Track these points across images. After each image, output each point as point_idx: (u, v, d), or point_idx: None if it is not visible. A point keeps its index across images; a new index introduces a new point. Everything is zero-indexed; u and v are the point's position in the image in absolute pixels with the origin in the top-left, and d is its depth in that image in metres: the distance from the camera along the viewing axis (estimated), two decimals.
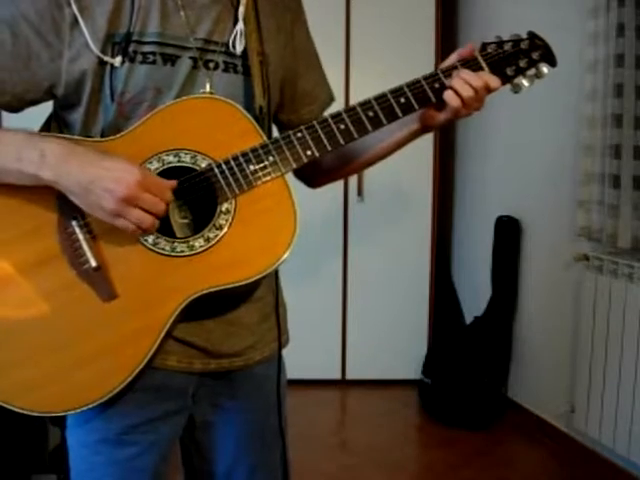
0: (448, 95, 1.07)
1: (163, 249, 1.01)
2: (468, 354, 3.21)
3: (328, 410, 3.41)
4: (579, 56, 2.65)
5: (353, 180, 3.43)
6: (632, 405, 2.46)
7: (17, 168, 0.96)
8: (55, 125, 1.11)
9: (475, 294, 3.53)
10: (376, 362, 3.60)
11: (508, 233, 3.22)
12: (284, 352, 1.25)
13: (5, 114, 1.15)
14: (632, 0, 2.41)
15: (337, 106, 1.34)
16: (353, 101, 1.10)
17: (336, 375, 3.60)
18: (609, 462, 2.65)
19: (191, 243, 1.01)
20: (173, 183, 1.00)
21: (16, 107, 1.06)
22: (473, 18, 3.61)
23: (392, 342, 3.58)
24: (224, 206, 1.02)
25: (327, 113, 1.12)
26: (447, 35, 3.53)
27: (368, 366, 3.59)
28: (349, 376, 3.60)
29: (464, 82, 1.07)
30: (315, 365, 3.49)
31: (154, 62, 1.04)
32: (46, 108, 1.12)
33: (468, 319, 3.48)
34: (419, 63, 3.34)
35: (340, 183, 3.36)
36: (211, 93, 1.06)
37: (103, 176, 0.94)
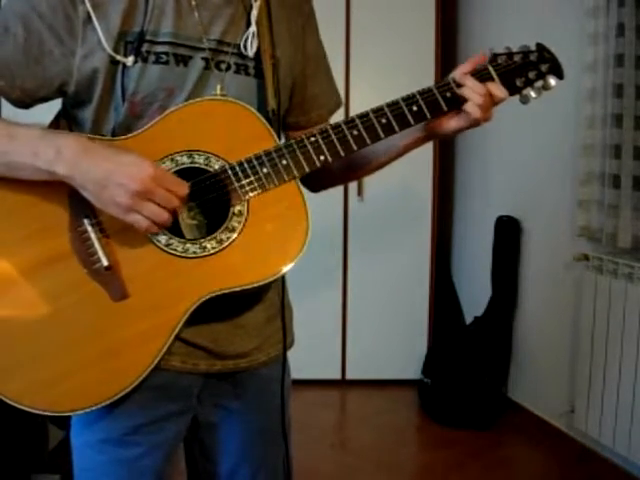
0: (470, 106, 1.07)
1: (175, 250, 1.01)
2: (468, 354, 3.21)
3: (328, 410, 3.41)
4: (579, 56, 2.65)
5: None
6: (632, 405, 2.47)
7: (33, 163, 0.96)
8: (64, 123, 1.11)
9: (475, 294, 3.53)
10: (376, 362, 3.60)
11: (508, 233, 3.23)
12: None
13: (5, 112, 1.14)
14: (632, 0, 2.42)
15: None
16: (353, 103, 1.10)
17: (336, 375, 3.60)
18: (609, 462, 2.65)
19: (203, 244, 1.01)
20: (187, 184, 1.00)
21: (27, 103, 1.06)
22: (473, 19, 3.61)
23: (392, 342, 3.58)
24: (237, 208, 1.02)
25: (334, 119, 1.12)
26: (447, 37, 3.53)
27: (368, 366, 3.59)
28: (349, 376, 3.60)
29: (477, 95, 1.07)
30: (315, 365, 3.49)
31: (167, 62, 1.04)
32: (52, 105, 1.11)
33: (468, 319, 3.48)
34: (419, 65, 3.34)
35: None
36: (223, 95, 1.06)
37: (117, 171, 0.94)
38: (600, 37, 2.52)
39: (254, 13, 1.10)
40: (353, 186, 3.47)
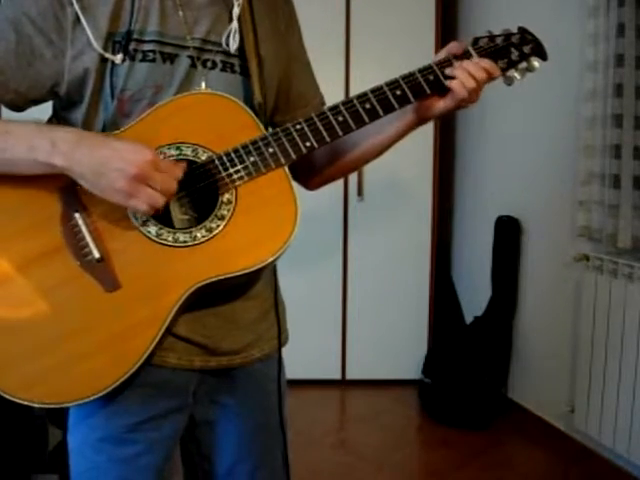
0: (456, 84, 1.09)
1: (166, 240, 1.02)
2: (468, 354, 3.21)
3: (328, 410, 3.41)
4: (579, 56, 2.65)
5: (353, 180, 3.44)
6: (632, 405, 2.46)
7: (30, 157, 0.97)
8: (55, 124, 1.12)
9: (475, 294, 3.53)
10: (376, 362, 3.60)
11: (508, 233, 3.23)
12: (284, 351, 1.25)
13: (5, 115, 1.15)
14: (632, 0, 2.42)
15: None
16: None
17: (336, 375, 3.60)
18: (609, 462, 2.65)
19: (194, 234, 1.03)
20: (183, 164, 1.02)
21: (20, 105, 1.07)
22: (473, 17, 3.62)
23: (392, 342, 3.58)
24: (225, 197, 1.04)
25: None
26: (447, 35, 3.54)
27: (368, 366, 3.59)
28: (349, 376, 3.60)
29: (466, 73, 1.09)
30: (315, 365, 3.49)
31: (154, 60, 1.06)
32: (47, 107, 1.13)
33: (468, 319, 3.48)
34: (419, 62, 3.33)
35: (340, 183, 3.36)
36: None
37: (114, 156, 0.96)
38: (600, 37, 2.52)
39: (235, 10, 1.12)
40: (353, 185, 3.47)
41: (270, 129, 1.22)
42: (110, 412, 1.09)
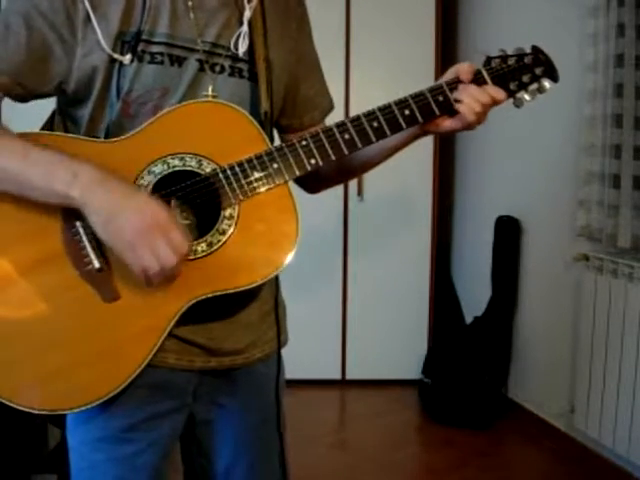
0: (465, 108, 1.07)
1: None
2: (468, 354, 3.21)
3: (328, 410, 3.41)
4: (579, 56, 2.65)
5: (353, 180, 3.44)
6: (632, 405, 2.47)
7: (47, 186, 0.95)
8: (60, 121, 1.11)
9: (475, 294, 3.53)
10: (376, 362, 3.60)
11: (508, 233, 3.23)
12: (284, 352, 1.25)
13: (4, 113, 1.14)
14: (632, 0, 2.42)
15: (336, 108, 1.34)
16: (353, 103, 1.11)
17: (336, 375, 3.60)
18: (609, 462, 2.65)
19: (194, 247, 1.01)
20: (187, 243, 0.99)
21: (26, 99, 1.06)
22: (473, 18, 3.61)
23: (392, 342, 3.58)
24: (227, 212, 1.03)
25: (329, 121, 1.13)
26: (447, 36, 3.54)
27: (368, 366, 3.60)
28: (349, 376, 3.61)
29: (472, 98, 1.08)
30: (315, 365, 3.49)
31: (162, 62, 1.05)
32: (47, 105, 1.12)
33: (468, 319, 3.48)
34: (419, 64, 3.34)
35: None
36: (214, 96, 1.07)
37: (128, 206, 0.94)
38: (600, 37, 2.52)
39: (247, 14, 1.11)
40: (353, 186, 3.47)
41: (275, 132, 1.22)
42: (108, 413, 1.08)
